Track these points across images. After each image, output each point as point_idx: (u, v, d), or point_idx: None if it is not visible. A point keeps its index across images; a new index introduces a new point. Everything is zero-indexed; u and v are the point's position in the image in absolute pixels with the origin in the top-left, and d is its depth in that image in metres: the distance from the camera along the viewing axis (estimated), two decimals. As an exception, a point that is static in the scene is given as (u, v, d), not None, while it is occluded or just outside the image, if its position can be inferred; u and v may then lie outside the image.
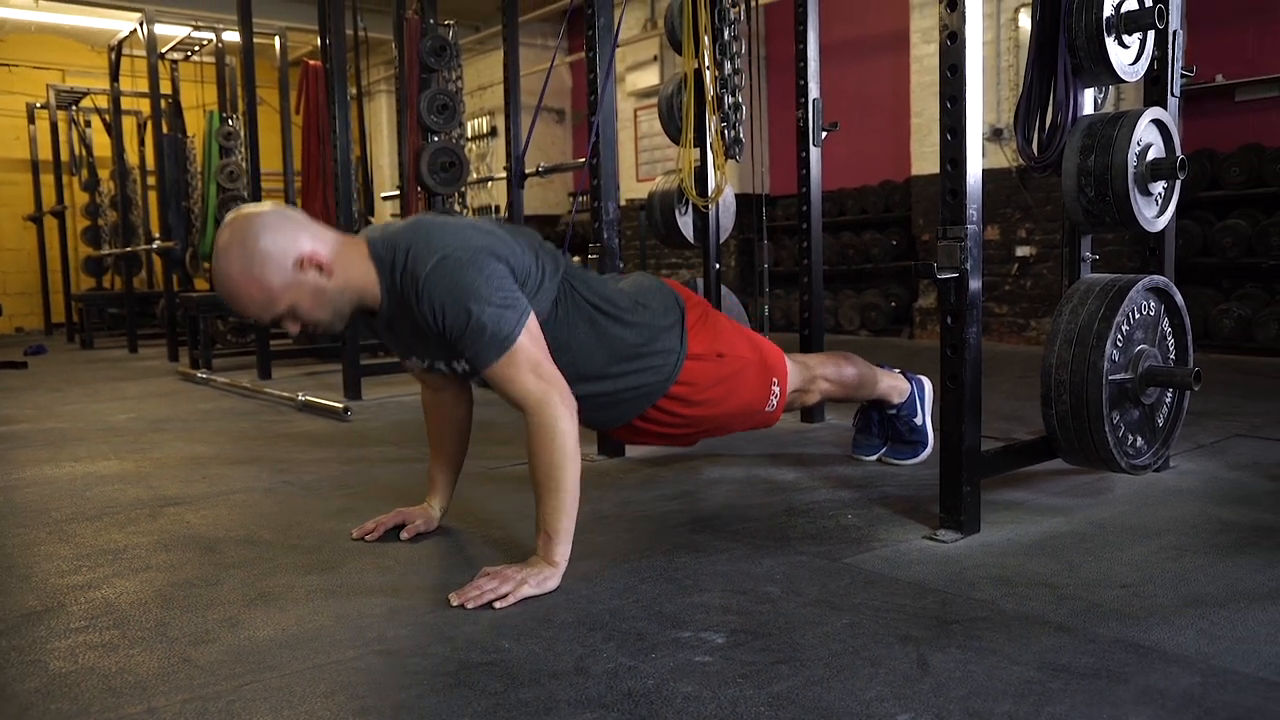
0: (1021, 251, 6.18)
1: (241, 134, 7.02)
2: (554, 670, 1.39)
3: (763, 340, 2.34)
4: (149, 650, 1.52)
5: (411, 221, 1.85)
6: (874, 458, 2.73)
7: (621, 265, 2.99)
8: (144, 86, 7.42)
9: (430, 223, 1.82)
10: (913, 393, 2.64)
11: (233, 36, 6.76)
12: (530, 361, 1.75)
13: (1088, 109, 2.35)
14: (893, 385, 2.62)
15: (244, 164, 6.78)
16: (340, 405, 3.95)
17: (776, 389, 2.27)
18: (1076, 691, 1.28)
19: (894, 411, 2.65)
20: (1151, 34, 2.33)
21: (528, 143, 2.68)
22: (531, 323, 1.78)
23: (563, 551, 1.76)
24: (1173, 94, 2.42)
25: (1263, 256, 5.11)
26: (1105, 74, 2.25)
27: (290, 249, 1.70)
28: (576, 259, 3.14)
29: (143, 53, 7.06)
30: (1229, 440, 2.88)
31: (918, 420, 2.65)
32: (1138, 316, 2.25)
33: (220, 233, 1.72)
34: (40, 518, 2.40)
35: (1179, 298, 2.34)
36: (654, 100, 8.55)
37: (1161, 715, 1.21)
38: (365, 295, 1.81)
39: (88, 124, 10.04)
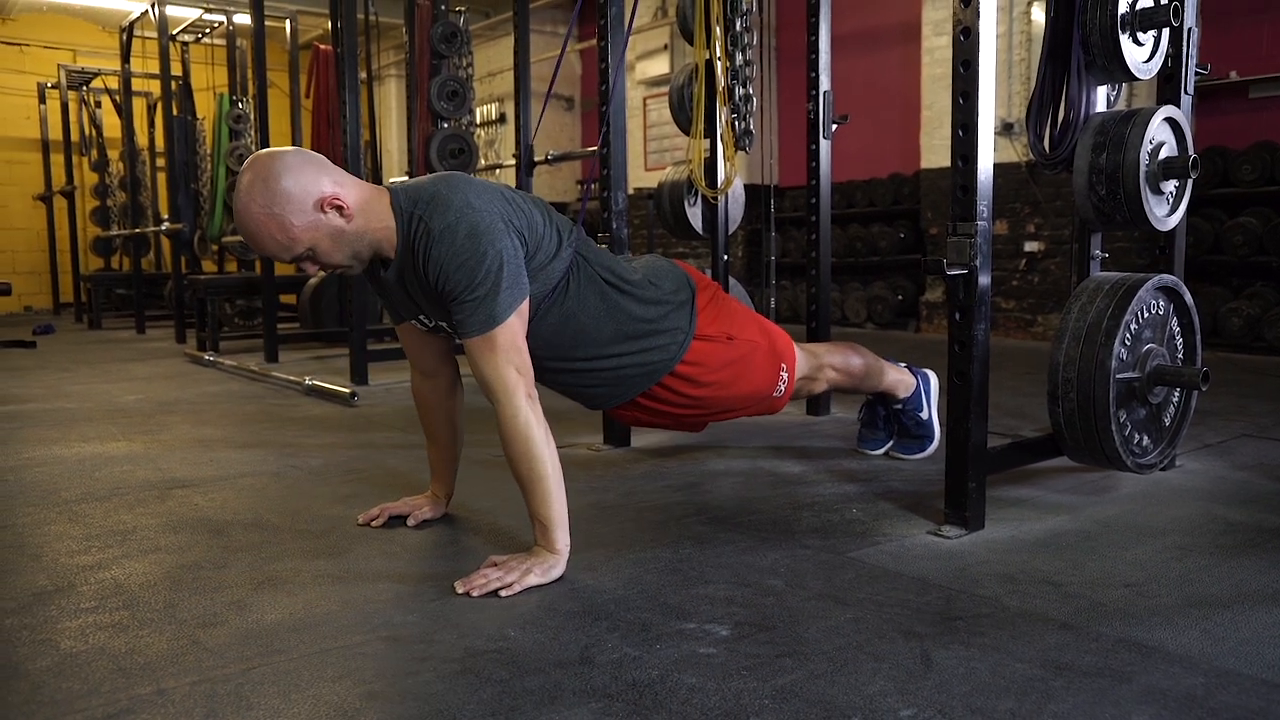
0: (1030, 247, 6.16)
1: (251, 117, 7.03)
2: (559, 659, 1.40)
3: (772, 326, 2.34)
4: (158, 631, 1.53)
5: (439, 175, 1.86)
6: (880, 452, 2.73)
7: (629, 255, 2.99)
8: (155, 68, 7.41)
9: (456, 179, 1.83)
10: (919, 387, 2.65)
11: (244, 19, 6.76)
12: (508, 348, 1.76)
13: (1100, 106, 2.34)
14: (899, 379, 2.62)
15: (253, 147, 6.79)
16: (347, 390, 3.96)
17: (785, 375, 2.27)
18: (1079, 690, 1.28)
19: (900, 406, 2.65)
20: (1166, 31, 2.32)
21: (536, 130, 2.68)
22: (523, 308, 1.79)
23: (561, 537, 1.77)
24: (1186, 92, 2.42)
25: (1273, 255, 5.09)
26: (1119, 71, 2.24)
27: (311, 190, 1.72)
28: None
29: (154, 34, 7.05)
30: (1236, 440, 2.88)
31: (923, 415, 2.65)
32: (1146, 315, 2.25)
33: (242, 174, 1.74)
34: (50, 497, 2.42)
35: (1188, 297, 2.34)
36: (663, 89, 8.53)
37: (1164, 715, 1.21)
38: (383, 244, 1.82)
39: (98, 104, 10.04)
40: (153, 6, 6.92)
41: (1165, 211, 2.30)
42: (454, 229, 1.73)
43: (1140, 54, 2.27)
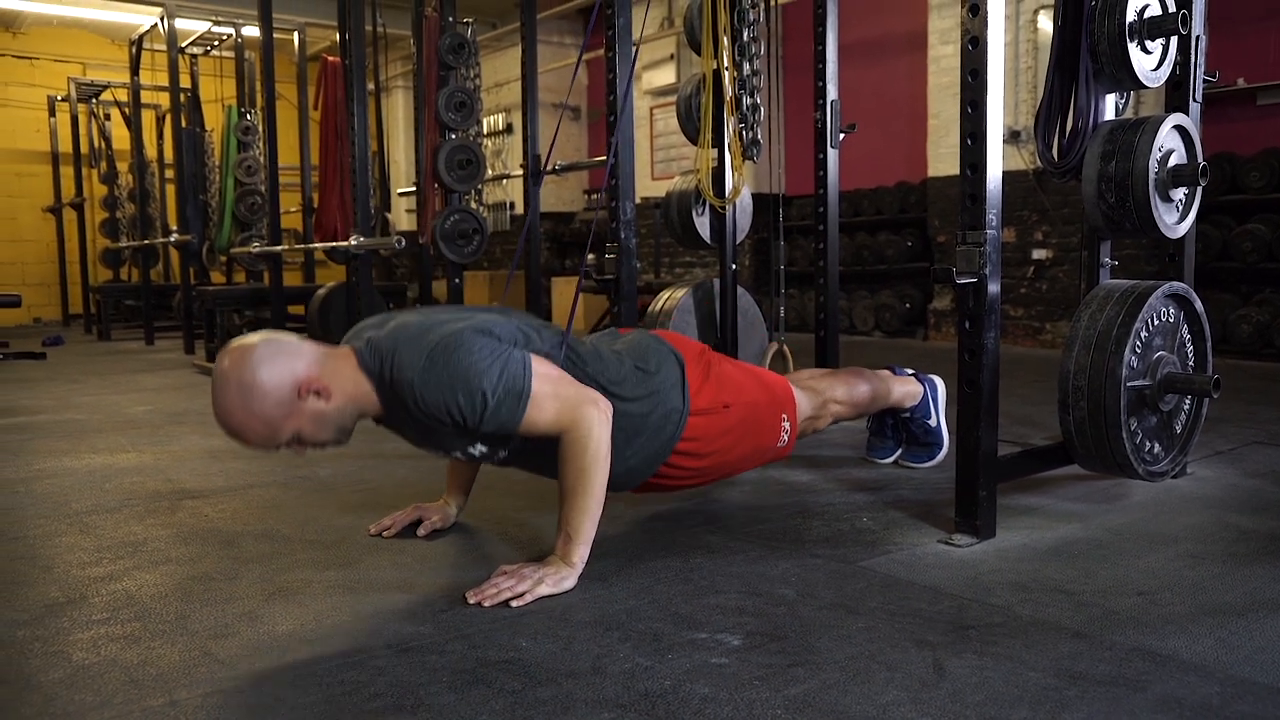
0: (1038, 254, 6.16)
1: (260, 129, 7.06)
2: (571, 669, 1.40)
3: (770, 376, 2.32)
4: (170, 643, 1.53)
5: (392, 326, 1.81)
6: (889, 460, 2.73)
7: (638, 264, 2.99)
8: (164, 80, 7.47)
9: (409, 324, 1.80)
10: (926, 395, 2.64)
11: (252, 31, 6.79)
12: (549, 396, 1.75)
13: (1109, 114, 2.34)
14: (906, 391, 2.61)
15: (262, 159, 6.82)
16: (356, 400, 3.95)
17: (787, 424, 2.25)
18: (1094, 699, 1.28)
19: (908, 415, 2.65)
20: (1174, 39, 2.32)
21: (553, 145, 2.69)
22: (537, 364, 1.76)
23: (581, 553, 1.77)
24: (1195, 99, 2.42)
25: (1282, 262, 5.08)
26: (1127, 80, 2.24)
27: (287, 379, 1.68)
28: (591, 257, 3.13)
29: (163, 47, 7.10)
30: (1247, 447, 2.87)
31: (932, 422, 2.65)
32: (1157, 323, 2.25)
33: (217, 367, 1.70)
34: (61, 509, 2.43)
35: (1199, 304, 2.33)
36: (670, 98, 8.55)
37: (1179, 724, 1.21)
38: (365, 406, 1.80)
39: (107, 117, 10.12)
40: (162, 19, 6.97)
41: (1175, 219, 2.30)
42: (431, 367, 1.70)
43: (1149, 62, 2.27)
